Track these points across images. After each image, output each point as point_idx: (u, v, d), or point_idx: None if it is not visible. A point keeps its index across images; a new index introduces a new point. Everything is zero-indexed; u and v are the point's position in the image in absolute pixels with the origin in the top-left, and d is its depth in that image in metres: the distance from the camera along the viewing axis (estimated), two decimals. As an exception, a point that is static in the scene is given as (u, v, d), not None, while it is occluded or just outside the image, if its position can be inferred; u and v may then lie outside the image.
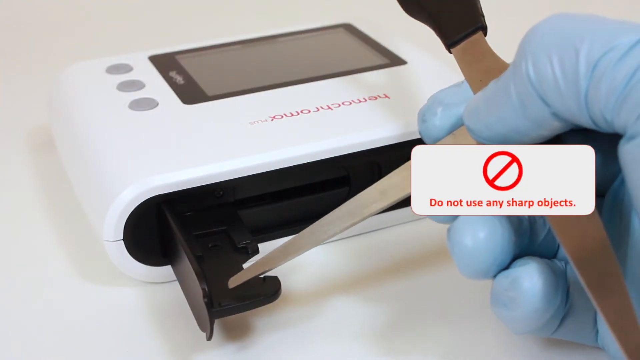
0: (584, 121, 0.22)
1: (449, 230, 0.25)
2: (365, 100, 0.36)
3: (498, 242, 0.24)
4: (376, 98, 0.36)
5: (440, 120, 0.27)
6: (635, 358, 0.20)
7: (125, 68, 0.40)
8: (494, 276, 0.25)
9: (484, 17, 0.30)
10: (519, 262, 0.25)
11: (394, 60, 0.40)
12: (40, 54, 0.56)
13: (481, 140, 0.25)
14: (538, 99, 0.22)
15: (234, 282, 0.28)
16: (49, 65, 0.52)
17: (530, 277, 0.24)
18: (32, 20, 0.62)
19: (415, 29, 0.58)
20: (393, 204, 0.27)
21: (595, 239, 0.22)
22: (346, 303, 0.31)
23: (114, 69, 0.40)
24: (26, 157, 0.42)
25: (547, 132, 0.23)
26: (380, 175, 0.34)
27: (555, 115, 0.22)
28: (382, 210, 0.27)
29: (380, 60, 0.40)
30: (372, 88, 0.37)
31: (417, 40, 0.44)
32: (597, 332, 0.26)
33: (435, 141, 0.27)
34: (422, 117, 0.27)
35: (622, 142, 0.21)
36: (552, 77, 0.22)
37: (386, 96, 0.36)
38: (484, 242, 0.24)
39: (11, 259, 0.34)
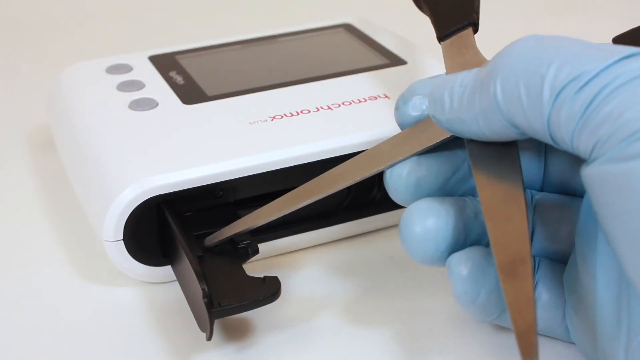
0: (549, 141, 0.23)
1: (400, 218, 0.27)
2: (365, 100, 0.36)
3: (445, 230, 0.26)
4: (376, 98, 0.36)
5: (412, 109, 0.28)
6: (524, 339, 0.21)
7: (125, 68, 0.40)
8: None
9: (477, 14, 0.31)
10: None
11: (394, 60, 0.40)
12: (40, 54, 0.56)
13: (442, 127, 0.26)
14: (501, 118, 0.23)
15: (211, 239, 0.29)
16: (49, 65, 0.52)
17: (457, 262, 0.26)
18: (32, 20, 0.62)
19: (415, 29, 0.58)
20: (401, 160, 0.28)
21: (516, 226, 0.23)
22: (346, 303, 0.31)
23: (114, 69, 0.40)
24: (26, 157, 0.42)
25: (505, 139, 0.25)
26: (380, 175, 0.34)
27: (518, 129, 0.23)
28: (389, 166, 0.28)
29: (380, 60, 0.40)
30: (372, 88, 0.37)
31: (417, 40, 0.44)
32: (566, 327, 0.27)
33: (407, 127, 0.28)
34: (397, 105, 0.29)
35: (584, 166, 0.22)
36: (518, 101, 0.23)
37: (386, 96, 0.36)
38: (432, 230, 0.26)
39: (11, 259, 0.34)
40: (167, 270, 0.32)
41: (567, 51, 0.22)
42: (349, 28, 0.45)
